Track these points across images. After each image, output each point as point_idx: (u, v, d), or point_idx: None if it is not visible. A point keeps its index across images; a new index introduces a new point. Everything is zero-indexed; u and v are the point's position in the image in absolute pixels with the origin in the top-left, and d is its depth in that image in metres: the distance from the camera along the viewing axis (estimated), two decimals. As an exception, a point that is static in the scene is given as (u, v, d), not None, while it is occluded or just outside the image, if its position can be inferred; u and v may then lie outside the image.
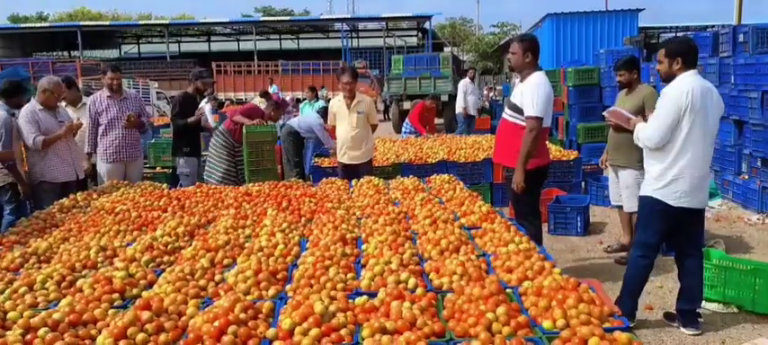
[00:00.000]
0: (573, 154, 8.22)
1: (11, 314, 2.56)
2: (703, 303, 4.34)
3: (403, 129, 11.32)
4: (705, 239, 5.73)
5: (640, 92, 5.47)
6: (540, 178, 4.88)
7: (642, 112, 5.02)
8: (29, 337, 2.32)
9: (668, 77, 3.91)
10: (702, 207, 3.99)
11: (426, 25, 37.01)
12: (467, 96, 13.31)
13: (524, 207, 4.89)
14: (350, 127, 6.31)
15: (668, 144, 3.78)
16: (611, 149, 5.62)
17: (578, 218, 6.49)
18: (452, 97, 17.79)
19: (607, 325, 2.40)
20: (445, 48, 36.31)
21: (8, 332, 2.39)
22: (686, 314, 4.08)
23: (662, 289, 4.78)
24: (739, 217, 7.00)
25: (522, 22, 38.99)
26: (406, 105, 18.07)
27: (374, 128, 6.75)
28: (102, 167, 6.13)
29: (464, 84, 13.61)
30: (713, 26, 30.21)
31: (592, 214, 7.01)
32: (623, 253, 5.58)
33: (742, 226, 6.68)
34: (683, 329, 4.05)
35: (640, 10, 19.96)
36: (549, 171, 4.96)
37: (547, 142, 4.90)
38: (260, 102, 8.16)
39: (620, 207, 5.70)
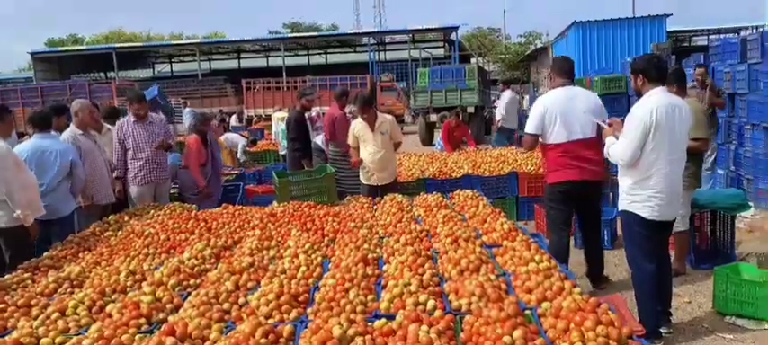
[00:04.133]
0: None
1: (43, 341, 2.67)
2: (736, 319, 4.29)
3: (435, 145, 11.41)
4: (737, 252, 5.63)
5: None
6: (568, 193, 4.83)
7: None
8: (60, 363, 2.42)
9: (638, 93, 4.05)
10: (673, 219, 4.11)
11: (452, 36, 37.02)
12: (509, 110, 12.23)
13: (553, 221, 4.95)
14: (375, 149, 6.34)
15: (638, 160, 3.86)
16: None
17: (605, 231, 6.39)
18: (479, 108, 17.77)
19: (625, 347, 2.38)
20: (472, 60, 36.18)
21: (41, 358, 2.50)
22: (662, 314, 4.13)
23: (690, 305, 4.69)
24: (773, 228, 6.81)
25: (548, 31, 38.53)
26: (433, 118, 18.11)
27: (398, 145, 6.78)
28: (134, 190, 6.31)
29: (505, 95, 12.54)
30: (747, 27, 29.48)
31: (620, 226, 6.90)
32: None
33: (776, 238, 6.50)
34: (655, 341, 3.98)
35: (668, 15, 19.62)
36: (580, 187, 4.79)
37: (577, 160, 4.70)
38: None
39: None
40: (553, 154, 4.80)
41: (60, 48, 44.28)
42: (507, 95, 12.48)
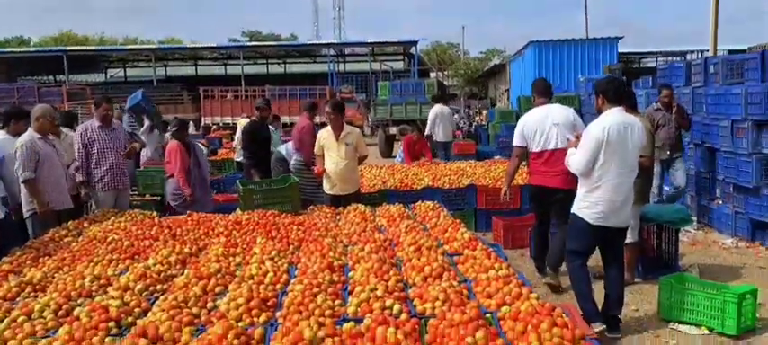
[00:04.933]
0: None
1: (11, 343, 2.67)
2: (678, 325, 4.57)
3: (397, 157, 11.52)
4: (681, 263, 5.97)
5: None
6: (540, 195, 5.53)
7: None
8: (31, 364, 2.43)
9: (598, 112, 4.48)
10: (621, 226, 4.48)
11: (412, 50, 37.51)
12: (436, 123, 12.16)
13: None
14: (339, 158, 6.40)
15: (590, 171, 4.30)
16: None
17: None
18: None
19: (578, 347, 2.56)
20: (431, 74, 36.71)
21: (9, 360, 2.50)
22: (610, 319, 4.43)
23: (637, 312, 4.96)
24: (714, 241, 7.23)
25: (506, 48, 39.51)
26: (393, 130, 18.33)
27: (363, 158, 6.84)
28: (97, 195, 6.23)
29: (434, 110, 12.42)
30: (692, 51, 30.94)
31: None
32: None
33: (716, 250, 6.90)
34: (607, 334, 4.34)
35: (620, 38, 20.48)
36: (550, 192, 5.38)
37: (548, 166, 5.33)
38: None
39: None
40: (532, 161, 5.56)
41: (7, 49, 42.77)
42: (434, 110, 12.35)
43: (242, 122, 12.49)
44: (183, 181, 6.46)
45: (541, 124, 5.37)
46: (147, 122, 9.96)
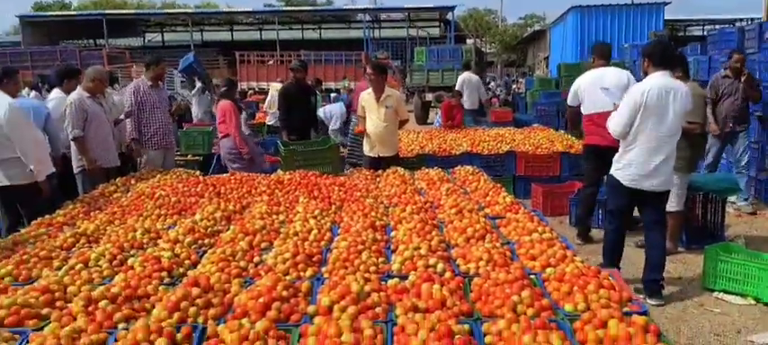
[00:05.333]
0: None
1: (70, 288, 2.79)
2: (723, 295, 4.49)
3: (434, 123, 11.52)
4: (726, 234, 5.84)
5: None
6: (593, 154, 5.75)
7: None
8: (91, 308, 2.54)
9: (645, 74, 4.47)
10: (657, 190, 4.43)
11: (449, 16, 36.93)
12: (464, 91, 12.12)
13: (586, 175, 6.10)
14: (378, 120, 6.39)
15: (628, 133, 4.35)
16: None
17: (600, 211, 6.57)
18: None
19: (626, 309, 2.54)
20: (468, 40, 36.16)
21: (70, 304, 2.61)
22: (649, 284, 4.45)
23: (680, 281, 4.88)
24: (761, 213, 7.03)
25: (546, 14, 38.53)
26: (428, 96, 18.20)
27: (404, 122, 6.76)
28: (148, 153, 6.40)
29: (461, 78, 12.55)
30: (741, 19, 29.72)
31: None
32: None
33: (762, 222, 6.72)
34: (648, 300, 4.35)
35: (666, 3, 19.76)
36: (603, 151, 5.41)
37: (600, 128, 5.25)
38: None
39: None
40: (585, 121, 5.77)
41: (50, 13, 43.65)
42: (462, 77, 12.43)
43: (275, 86, 12.59)
44: (240, 140, 6.56)
45: (593, 87, 5.57)
46: (198, 84, 10.08)
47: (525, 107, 16.71)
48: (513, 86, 26.16)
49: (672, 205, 5.36)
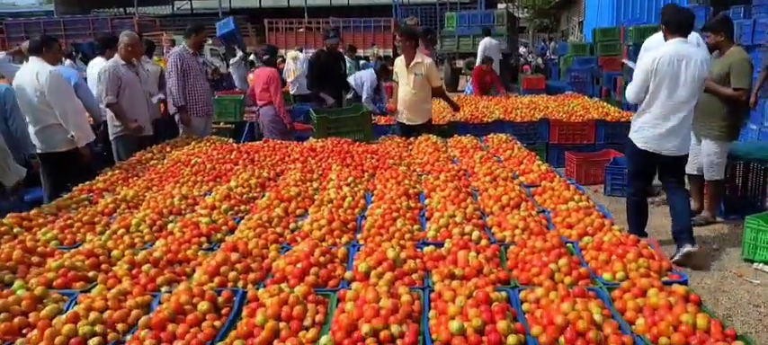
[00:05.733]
0: (630, 116, 8.09)
1: (114, 252, 2.86)
2: (764, 265, 4.43)
3: (465, 89, 11.52)
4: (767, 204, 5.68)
5: (729, 56, 5.10)
6: None
7: (727, 78, 5.00)
8: (134, 271, 2.61)
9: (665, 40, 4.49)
10: (673, 154, 4.50)
11: (479, -20, 36.19)
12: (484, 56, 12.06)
13: None
14: (408, 88, 6.32)
15: (642, 99, 4.48)
16: (695, 117, 5.48)
17: (608, 176, 6.47)
18: (507, 55, 17.56)
19: (665, 279, 2.50)
20: (499, 5, 35.41)
21: (114, 268, 2.69)
22: (679, 235, 4.53)
23: (719, 251, 4.79)
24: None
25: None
26: (459, 63, 17.95)
27: (437, 90, 6.58)
28: (192, 120, 6.47)
29: (483, 43, 12.98)
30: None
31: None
32: (694, 218, 5.48)
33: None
34: (682, 249, 4.44)
35: (708, -37, 18.96)
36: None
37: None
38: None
39: (693, 176, 5.53)
40: None
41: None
42: (483, 43, 12.91)
43: (291, 54, 12.50)
44: (283, 110, 6.53)
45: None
46: (238, 53, 10.07)
47: (558, 73, 16.40)
48: (548, 52, 25.62)
49: (712, 173, 5.24)
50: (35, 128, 4.94)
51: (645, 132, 4.49)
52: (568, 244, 2.91)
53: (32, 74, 4.85)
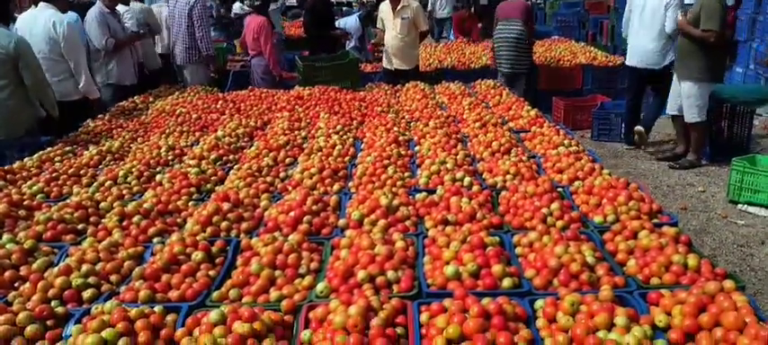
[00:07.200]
0: (618, 60, 8.07)
1: (102, 204, 2.82)
2: (748, 206, 4.51)
3: (446, 38, 11.48)
4: (752, 146, 5.75)
5: None
6: None
7: (698, 19, 5.01)
8: (124, 223, 2.58)
9: None
10: (650, 67, 5.84)
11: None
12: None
13: None
14: (394, 32, 6.22)
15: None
16: (676, 58, 5.51)
17: (622, 124, 6.49)
18: (492, 2, 17.28)
19: (656, 221, 2.53)
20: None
21: (104, 219, 2.65)
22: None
23: (704, 194, 4.86)
24: (788, 125, 6.89)
25: None
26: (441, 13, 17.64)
27: (424, 35, 6.58)
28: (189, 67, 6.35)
29: None
30: None
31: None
32: (680, 161, 5.58)
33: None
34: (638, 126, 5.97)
35: None
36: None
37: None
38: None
39: (675, 117, 5.64)
40: None
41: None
42: None
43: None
44: (274, 60, 6.30)
45: None
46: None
47: (544, 18, 16.19)
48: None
49: (693, 115, 5.27)
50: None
51: (629, 51, 6.03)
52: (559, 189, 2.92)
53: (47, 22, 4.63)
